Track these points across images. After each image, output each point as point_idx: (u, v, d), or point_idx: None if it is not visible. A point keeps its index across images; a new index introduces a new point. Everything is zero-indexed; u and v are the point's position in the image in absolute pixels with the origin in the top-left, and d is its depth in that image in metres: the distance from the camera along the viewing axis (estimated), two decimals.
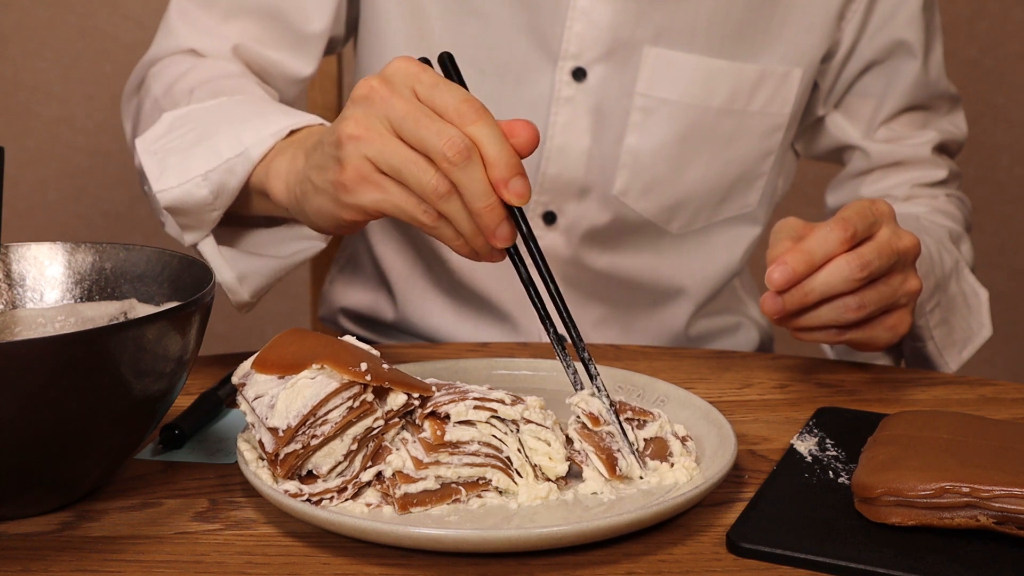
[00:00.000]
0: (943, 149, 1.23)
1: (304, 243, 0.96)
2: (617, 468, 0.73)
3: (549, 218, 1.16)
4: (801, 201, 2.03)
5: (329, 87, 1.43)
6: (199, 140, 0.92)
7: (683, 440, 0.77)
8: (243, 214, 0.96)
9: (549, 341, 1.13)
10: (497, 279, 1.18)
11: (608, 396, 0.76)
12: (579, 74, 1.11)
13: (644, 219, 1.16)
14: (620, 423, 0.75)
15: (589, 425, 0.75)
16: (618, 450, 0.74)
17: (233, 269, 0.94)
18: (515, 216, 0.76)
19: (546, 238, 1.17)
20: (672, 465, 0.75)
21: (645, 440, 0.76)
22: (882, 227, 0.87)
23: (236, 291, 0.95)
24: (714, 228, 1.20)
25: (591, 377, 0.77)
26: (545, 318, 0.81)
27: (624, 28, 1.09)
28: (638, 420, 0.77)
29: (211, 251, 0.95)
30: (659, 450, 0.76)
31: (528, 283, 0.80)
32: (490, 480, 0.72)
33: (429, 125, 0.74)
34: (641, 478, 0.75)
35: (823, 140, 1.24)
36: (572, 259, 1.17)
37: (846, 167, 1.24)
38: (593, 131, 1.12)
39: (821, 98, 1.20)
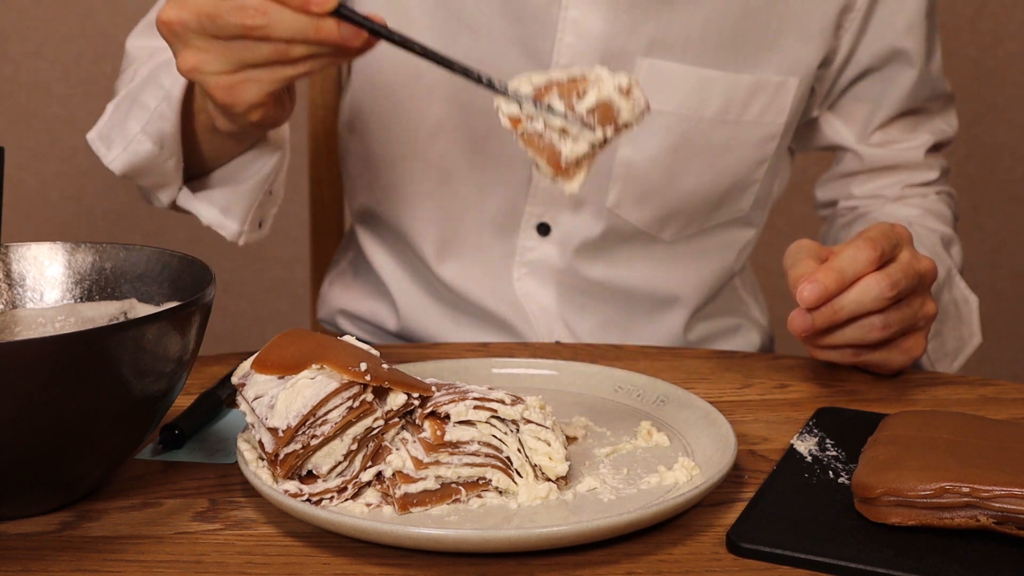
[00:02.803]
0: (935, 148, 1.23)
1: (264, 157, 1.00)
2: (562, 160, 0.72)
3: (543, 229, 1.16)
4: (798, 199, 2.03)
5: (329, 87, 1.43)
6: (130, 106, 0.98)
7: (627, 92, 0.74)
8: (211, 165, 1.01)
9: (548, 341, 1.12)
10: (495, 293, 1.18)
11: (518, 94, 0.75)
12: None
13: (637, 229, 1.16)
14: (545, 106, 0.74)
15: (510, 127, 0.74)
16: (559, 138, 0.73)
17: (213, 205, 0.99)
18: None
19: (540, 249, 1.16)
20: (620, 123, 0.74)
21: (588, 111, 0.74)
22: (903, 249, 0.89)
23: (224, 224, 1.00)
24: (707, 233, 1.19)
25: (499, 90, 0.76)
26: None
27: (616, 39, 1.08)
28: (577, 91, 0.74)
29: (188, 199, 1.00)
30: (605, 115, 0.74)
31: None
32: (490, 480, 0.72)
33: (226, 12, 0.78)
34: (597, 145, 0.73)
35: (816, 139, 1.24)
36: (568, 269, 1.17)
37: (837, 166, 1.24)
38: None
39: (816, 102, 1.20)
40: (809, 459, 0.78)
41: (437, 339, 1.22)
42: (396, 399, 0.71)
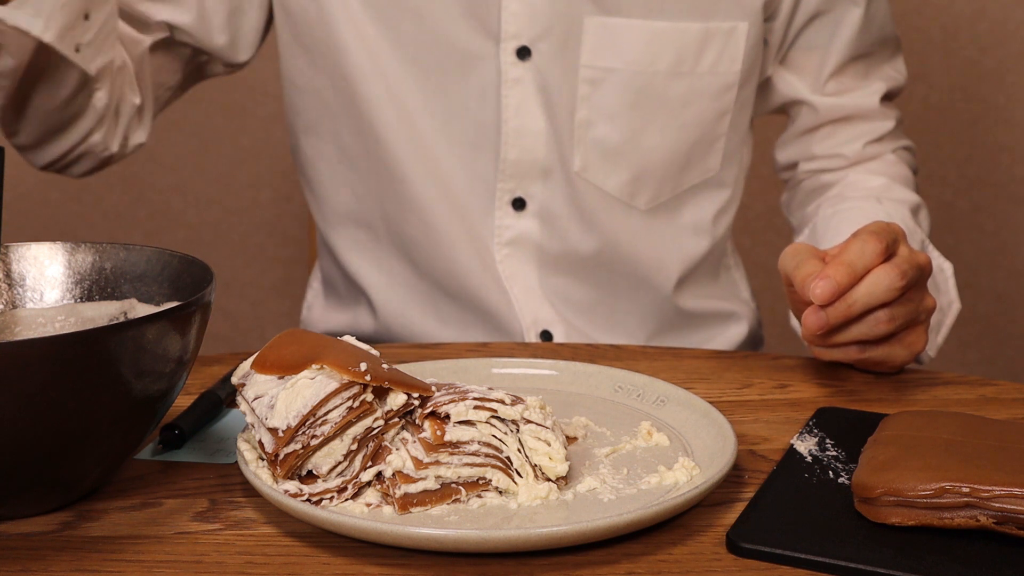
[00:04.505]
0: (888, 97, 1.24)
1: None
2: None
3: (519, 204, 1.16)
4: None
5: None
6: None
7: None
8: None
9: (543, 341, 1.12)
10: (479, 277, 1.18)
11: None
12: (523, 53, 1.11)
13: (610, 196, 1.16)
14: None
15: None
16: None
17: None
18: None
19: (519, 225, 1.17)
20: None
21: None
22: (901, 244, 0.90)
23: (20, 18, 0.97)
24: (681, 198, 1.20)
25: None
26: None
27: (560, 1, 1.10)
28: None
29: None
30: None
31: None
32: (490, 480, 0.72)
33: None
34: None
35: (772, 98, 1.24)
36: (549, 243, 1.17)
37: (794, 123, 1.25)
38: (546, 110, 1.13)
39: (771, 56, 1.20)
40: (809, 459, 0.78)
41: (418, 337, 1.22)
42: (396, 399, 0.71)
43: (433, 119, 1.14)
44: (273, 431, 0.70)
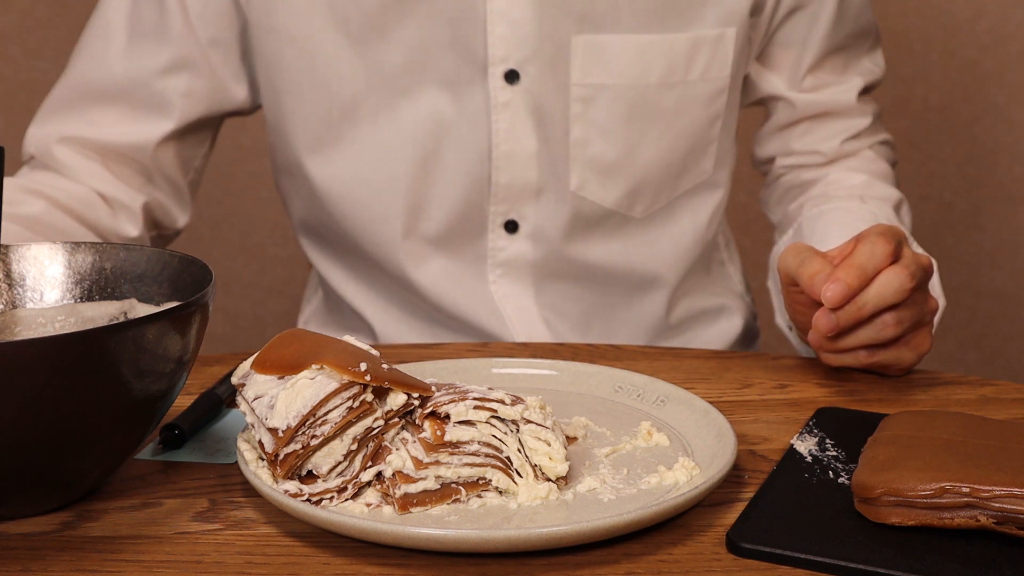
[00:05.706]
0: (865, 91, 1.24)
1: None
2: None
3: (511, 227, 1.15)
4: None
5: None
6: None
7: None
8: None
9: (543, 341, 1.12)
10: (471, 300, 1.17)
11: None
12: (512, 76, 1.10)
13: (606, 209, 1.16)
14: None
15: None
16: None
17: None
18: None
19: (512, 247, 1.16)
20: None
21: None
22: (905, 246, 0.90)
23: None
24: (676, 203, 1.19)
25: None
26: None
27: (547, 22, 1.09)
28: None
29: None
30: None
31: None
32: (490, 480, 0.72)
33: None
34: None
35: (750, 93, 1.24)
36: (543, 261, 1.17)
37: (772, 118, 1.24)
38: (538, 132, 1.12)
39: (752, 51, 1.20)
40: (809, 459, 0.78)
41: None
42: (396, 399, 0.71)
43: (423, 147, 1.13)
44: (273, 431, 0.70)
